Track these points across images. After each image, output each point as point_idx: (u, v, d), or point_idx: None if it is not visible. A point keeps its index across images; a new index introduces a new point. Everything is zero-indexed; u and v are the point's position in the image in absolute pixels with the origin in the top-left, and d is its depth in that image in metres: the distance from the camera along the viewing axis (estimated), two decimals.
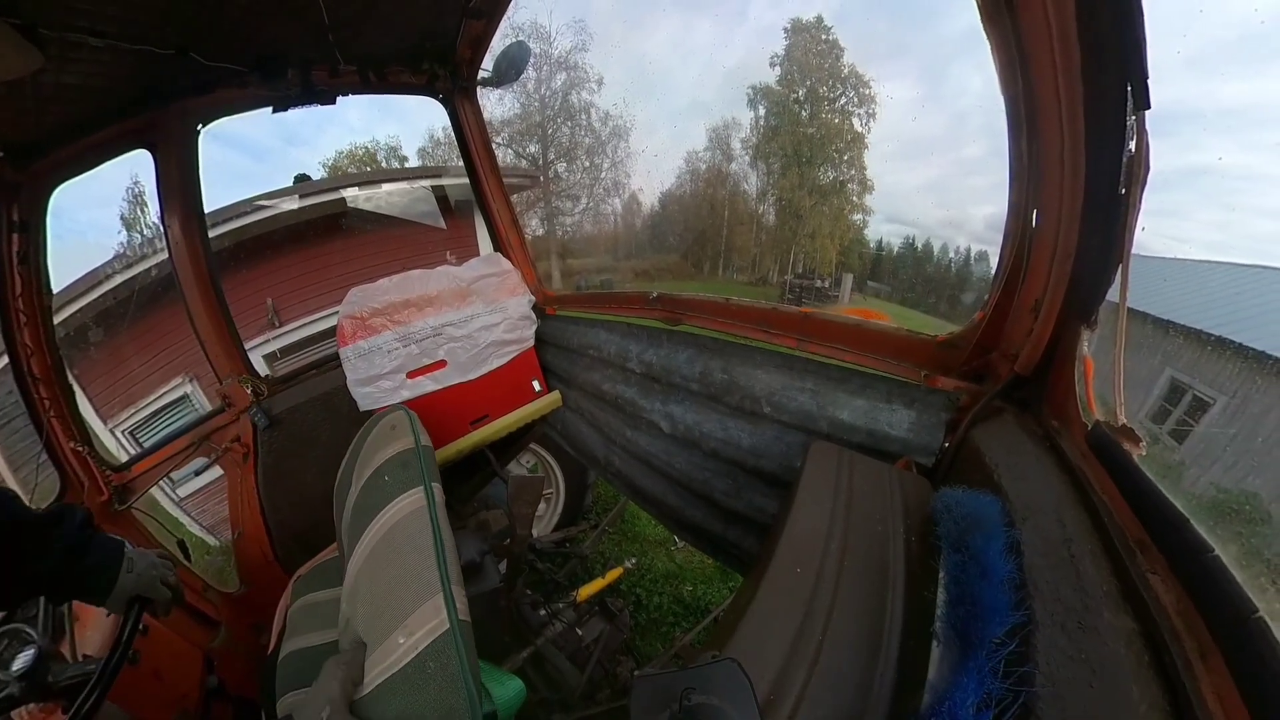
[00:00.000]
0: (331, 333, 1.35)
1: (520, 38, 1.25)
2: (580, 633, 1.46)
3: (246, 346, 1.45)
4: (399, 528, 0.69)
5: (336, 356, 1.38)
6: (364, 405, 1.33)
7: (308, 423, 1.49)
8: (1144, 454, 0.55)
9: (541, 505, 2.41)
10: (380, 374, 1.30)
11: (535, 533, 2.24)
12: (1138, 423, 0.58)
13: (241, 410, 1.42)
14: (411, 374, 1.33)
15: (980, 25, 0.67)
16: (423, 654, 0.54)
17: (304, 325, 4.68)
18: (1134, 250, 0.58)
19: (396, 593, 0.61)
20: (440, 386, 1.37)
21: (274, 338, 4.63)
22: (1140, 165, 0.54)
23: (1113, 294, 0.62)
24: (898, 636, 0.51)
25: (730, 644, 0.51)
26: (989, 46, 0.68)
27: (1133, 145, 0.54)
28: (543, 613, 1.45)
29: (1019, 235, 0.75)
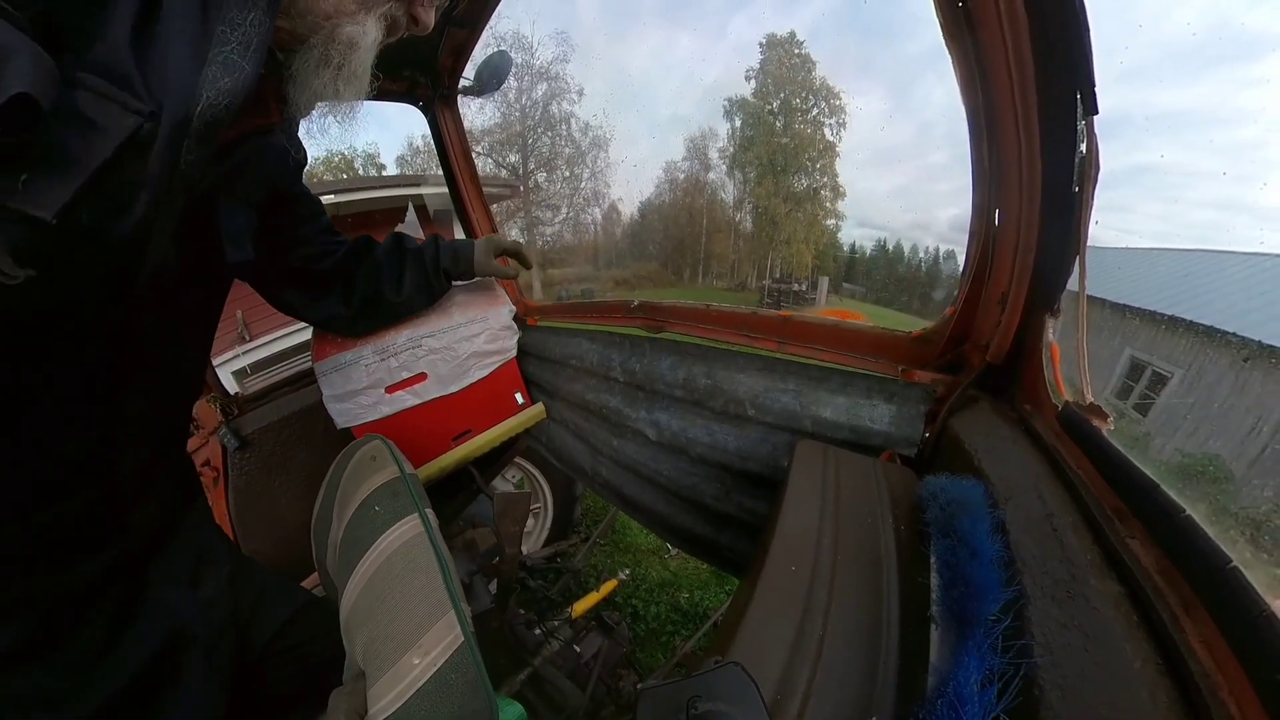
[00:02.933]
0: (305, 347, 1.30)
1: (502, 47, 1.25)
2: (578, 650, 1.43)
3: (215, 362, 1.39)
4: (398, 555, 0.68)
5: (310, 372, 1.33)
6: (341, 423, 1.28)
7: (281, 443, 1.43)
8: (1112, 428, 0.58)
9: (530, 521, 2.37)
10: (358, 389, 1.26)
11: (525, 550, 2.20)
12: (1104, 400, 0.61)
13: (210, 431, 1.36)
14: (390, 388, 1.29)
15: (942, 41, 0.71)
16: (443, 669, 0.56)
17: (276, 339, 4.52)
18: (1089, 242, 0.63)
19: (403, 617, 0.61)
20: (420, 401, 1.33)
21: (244, 353, 4.46)
22: (1091, 165, 0.59)
23: (1072, 284, 0.67)
24: (896, 624, 0.52)
25: (732, 648, 0.50)
26: (950, 61, 0.72)
27: (1084, 147, 0.59)
28: (538, 632, 1.42)
29: (983, 234, 0.79)
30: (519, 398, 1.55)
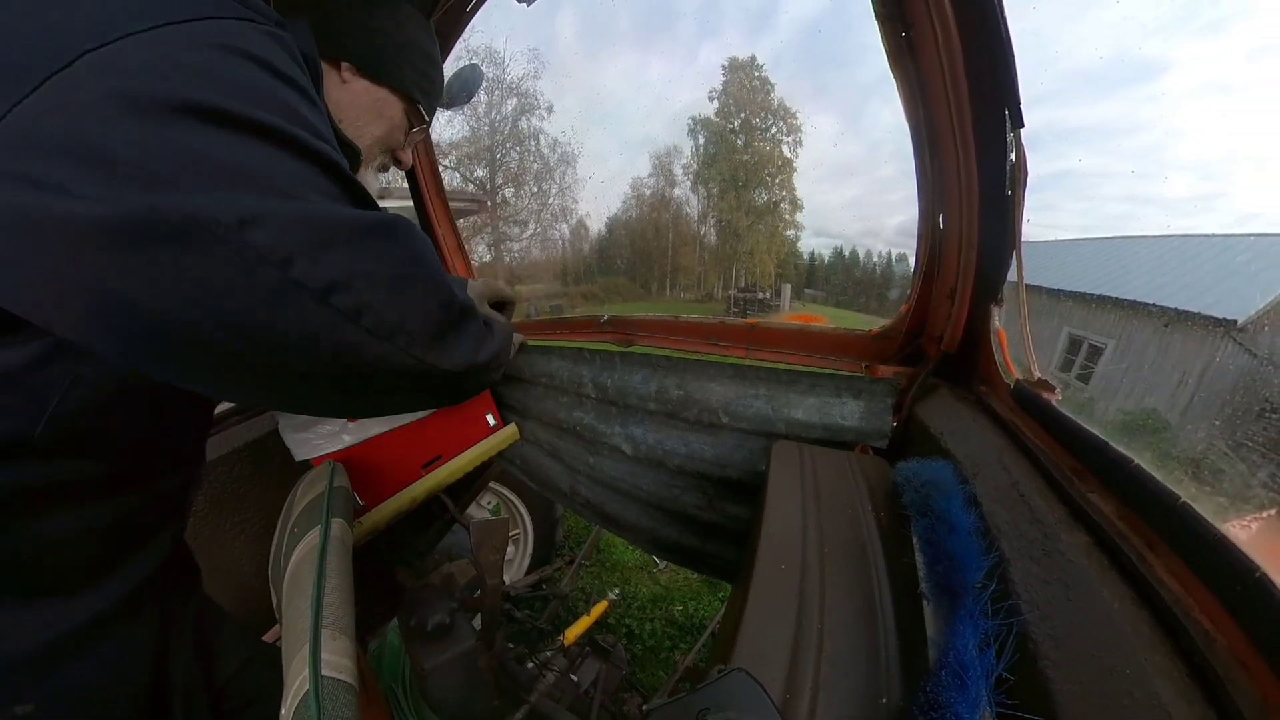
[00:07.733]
0: None
1: (474, 61, 1.23)
2: (575, 678, 1.38)
3: None
4: (295, 576, 0.61)
5: None
6: (300, 455, 1.17)
7: (234, 477, 1.30)
8: (1060, 399, 0.64)
9: (510, 548, 2.29)
10: (317, 417, 1.19)
11: (508, 579, 2.12)
12: (1050, 375, 0.68)
13: None
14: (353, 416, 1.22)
15: (888, 66, 0.79)
16: None
17: None
18: (1024, 238, 0.70)
19: (285, 656, 0.53)
20: (386, 428, 1.26)
21: None
22: (1021, 171, 0.67)
23: (1011, 275, 0.74)
24: (890, 606, 0.53)
25: (734, 654, 0.50)
26: (895, 84, 0.80)
27: (1013, 156, 0.67)
28: (531, 665, 1.36)
29: (930, 236, 0.86)
30: (490, 419, 1.51)
